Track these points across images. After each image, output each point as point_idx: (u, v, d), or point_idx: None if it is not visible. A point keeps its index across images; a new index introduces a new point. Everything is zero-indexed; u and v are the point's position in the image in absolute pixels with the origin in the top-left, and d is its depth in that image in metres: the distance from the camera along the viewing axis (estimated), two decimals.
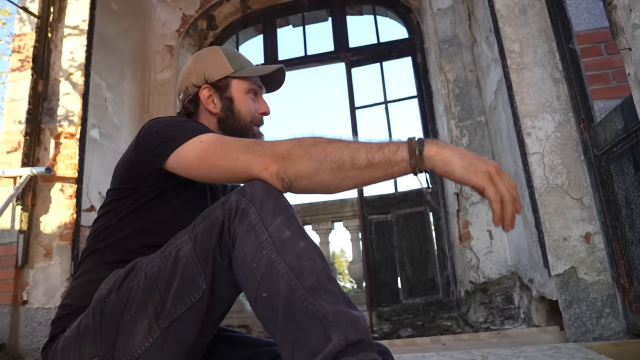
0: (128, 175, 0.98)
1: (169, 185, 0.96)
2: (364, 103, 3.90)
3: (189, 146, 0.90)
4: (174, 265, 0.81)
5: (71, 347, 0.85)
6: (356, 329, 0.66)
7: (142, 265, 0.86)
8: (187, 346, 0.82)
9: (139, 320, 0.81)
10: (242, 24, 4.25)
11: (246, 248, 0.76)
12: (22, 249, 2.60)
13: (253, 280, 0.74)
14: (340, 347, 0.64)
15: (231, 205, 0.80)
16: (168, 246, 0.85)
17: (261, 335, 1.86)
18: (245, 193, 0.81)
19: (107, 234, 0.96)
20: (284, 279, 0.71)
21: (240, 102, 1.11)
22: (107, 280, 0.88)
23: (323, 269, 0.73)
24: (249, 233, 0.76)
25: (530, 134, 2.18)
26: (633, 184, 1.74)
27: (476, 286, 2.93)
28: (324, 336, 0.65)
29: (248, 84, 1.13)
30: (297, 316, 0.69)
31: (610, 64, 2.04)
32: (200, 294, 0.80)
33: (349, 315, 0.67)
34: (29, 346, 2.48)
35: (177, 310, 0.80)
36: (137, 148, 0.98)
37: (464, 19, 3.35)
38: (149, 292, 0.81)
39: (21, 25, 2.98)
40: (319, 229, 4.18)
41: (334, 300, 0.69)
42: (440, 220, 3.44)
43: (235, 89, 1.12)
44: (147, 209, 0.96)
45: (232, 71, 1.12)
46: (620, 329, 1.90)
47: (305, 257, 0.73)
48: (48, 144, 2.81)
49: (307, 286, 0.70)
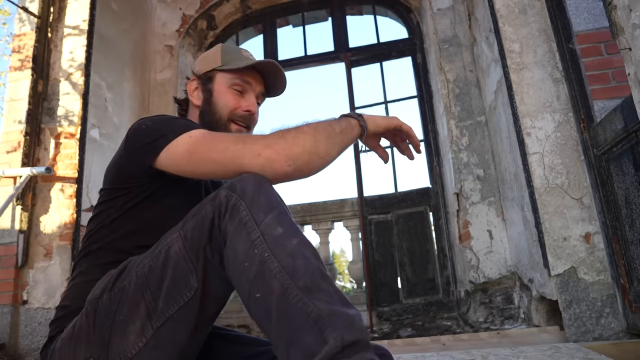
0: (119, 175, 0.98)
1: (160, 184, 0.95)
2: (364, 103, 3.92)
3: (178, 142, 0.90)
4: (165, 264, 0.80)
5: (66, 348, 0.84)
6: (352, 329, 0.65)
7: (134, 265, 0.85)
8: (181, 345, 0.81)
9: (132, 320, 0.80)
10: (242, 24, 4.25)
11: (237, 246, 0.75)
12: (22, 248, 2.60)
13: (245, 280, 0.73)
14: (336, 349, 0.62)
15: (221, 201, 0.78)
16: (159, 244, 0.84)
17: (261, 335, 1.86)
18: (235, 188, 0.79)
19: (100, 235, 0.96)
20: (277, 278, 0.70)
21: (219, 95, 1.08)
22: (101, 281, 0.87)
23: (317, 267, 0.72)
24: (240, 230, 0.75)
25: (530, 134, 2.18)
26: (633, 184, 1.74)
27: (476, 286, 2.93)
28: (319, 337, 0.64)
29: (232, 78, 1.09)
30: (291, 317, 0.67)
31: (610, 64, 2.04)
32: (192, 293, 0.79)
33: (344, 315, 0.66)
34: (29, 346, 2.48)
35: (170, 310, 0.79)
36: (126, 147, 0.97)
37: (464, 19, 3.35)
38: (140, 292, 0.80)
39: (21, 25, 2.98)
40: (319, 229, 4.18)
41: (329, 299, 0.68)
42: (440, 220, 3.44)
43: (218, 82, 1.09)
44: (139, 209, 0.95)
45: (220, 64, 1.09)
46: (620, 329, 1.90)
47: (298, 255, 0.72)
48: (48, 144, 2.81)
49: (302, 286, 0.69)
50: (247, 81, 1.10)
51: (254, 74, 1.11)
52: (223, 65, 1.09)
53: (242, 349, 1.00)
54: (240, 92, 1.10)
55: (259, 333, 3.27)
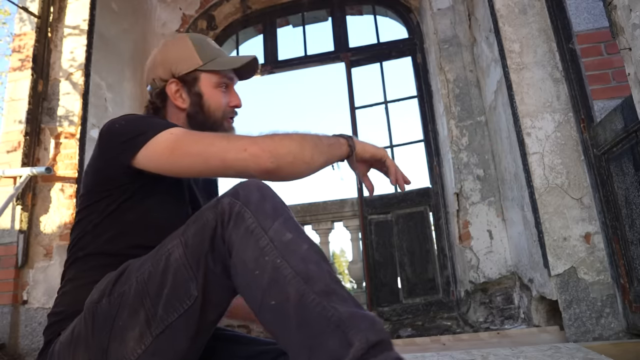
0: (97, 179, 0.95)
1: (139, 184, 0.93)
2: (364, 103, 3.90)
3: (159, 139, 0.88)
4: (165, 271, 0.78)
5: (65, 352, 0.83)
6: (374, 329, 0.64)
7: (133, 269, 0.83)
8: (180, 353, 0.80)
9: (131, 327, 0.78)
10: (242, 24, 4.24)
11: (246, 255, 0.73)
12: (22, 248, 2.60)
13: (257, 288, 0.71)
14: (362, 350, 0.62)
15: (224, 208, 0.76)
16: (159, 250, 0.82)
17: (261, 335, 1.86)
18: (238, 195, 0.77)
19: (85, 242, 0.94)
20: (292, 284, 0.68)
21: (210, 97, 1.05)
22: (99, 285, 0.85)
23: (329, 272, 0.71)
24: (247, 239, 0.73)
25: (530, 134, 2.18)
26: (633, 184, 1.74)
27: (476, 286, 2.93)
28: (343, 340, 0.63)
29: (218, 77, 1.07)
30: (311, 322, 0.66)
31: (610, 64, 2.04)
32: (192, 301, 0.77)
33: (365, 317, 0.66)
34: (29, 346, 2.48)
35: (169, 317, 0.77)
36: (101, 149, 0.94)
37: (464, 19, 3.35)
38: (140, 298, 0.79)
39: (21, 25, 2.98)
40: (319, 229, 4.19)
41: (345, 302, 0.67)
42: (440, 220, 3.44)
43: (204, 83, 1.06)
44: (121, 211, 0.93)
45: (201, 64, 1.05)
46: (620, 328, 1.90)
47: (310, 261, 0.71)
48: (48, 144, 2.81)
49: (318, 290, 0.67)
50: (231, 77, 1.09)
51: None
52: (205, 64, 1.05)
53: (241, 348, 1.00)
54: (225, 89, 1.09)
55: (259, 333, 3.27)
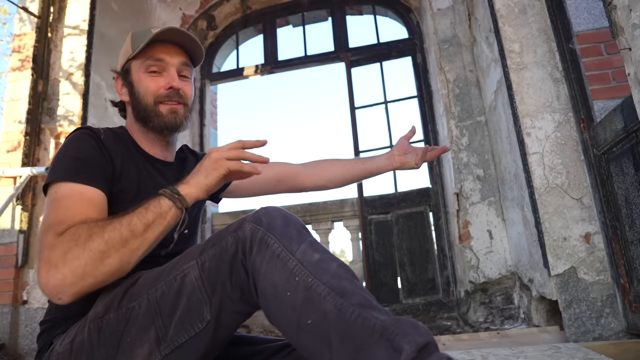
0: None
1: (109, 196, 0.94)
2: (364, 103, 3.90)
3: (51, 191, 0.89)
4: (179, 292, 0.77)
5: None
6: (419, 332, 0.63)
7: (145, 285, 0.82)
8: None
9: (139, 344, 0.78)
10: (242, 24, 4.25)
11: (274, 278, 0.71)
12: (22, 248, 2.60)
13: (291, 310, 0.69)
14: (413, 354, 0.60)
15: (245, 235, 0.75)
16: (173, 269, 0.81)
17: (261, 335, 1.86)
18: (260, 222, 0.76)
19: None
20: (327, 300, 0.67)
21: (139, 84, 1.03)
22: (102, 298, 0.85)
23: (361, 288, 0.70)
24: (274, 263, 0.72)
25: (530, 134, 2.18)
26: (633, 184, 1.74)
27: (476, 286, 2.93)
28: (390, 348, 0.62)
29: (144, 61, 1.03)
30: (354, 335, 0.64)
31: (610, 64, 2.04)
32: (204, 325, 0.76)
33: (407, 321, 0.64)
34: (29, 346, 2.48)
35: (180, 339, 0.77)
36: None
37: (464, 19, 3.35)
38: (151, 317, 0.78)
39: (21, 25, 2.98)
40: (319, 229, 4.18)
41: (383, 313, 0.66)
42: (440, 220, 3.44)
43: (134, 71, 1.04)
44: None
45: (131, 53, 1.03)
46: (620, 328, 1.90)
47: (342, 278, 0.70)
48: (48, 144, 2.81)
49: (355, 303, 0.66)
50: (160, 59, 1.03)
51: (168, 48, 1.04)
52: (133, 52, 1.03)
53: (241, 348, 1.00)
54: (158, 72, 1.03)
55: (259, 333, 3.27)
